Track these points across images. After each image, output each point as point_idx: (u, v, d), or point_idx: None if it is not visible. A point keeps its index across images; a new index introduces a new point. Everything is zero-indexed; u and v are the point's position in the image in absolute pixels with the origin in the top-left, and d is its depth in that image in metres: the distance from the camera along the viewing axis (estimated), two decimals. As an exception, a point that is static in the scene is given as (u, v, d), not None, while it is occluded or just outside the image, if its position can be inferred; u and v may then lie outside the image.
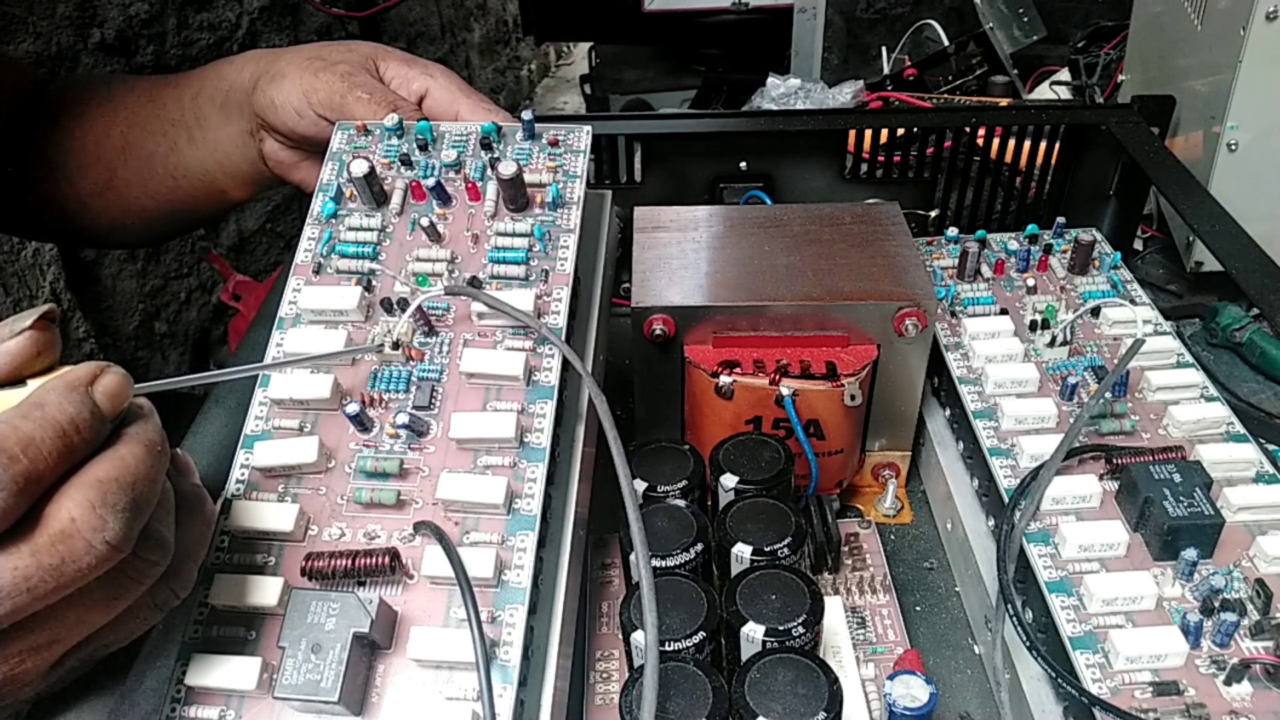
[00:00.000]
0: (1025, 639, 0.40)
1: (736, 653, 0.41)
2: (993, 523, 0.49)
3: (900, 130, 0.69)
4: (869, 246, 0.53)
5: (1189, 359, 0.52)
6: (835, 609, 0.46)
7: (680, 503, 0.46)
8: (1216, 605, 0.40)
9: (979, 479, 0.50)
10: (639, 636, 0.39)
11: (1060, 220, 0.59)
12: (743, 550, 0.43)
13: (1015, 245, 0.59)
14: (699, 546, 0.44)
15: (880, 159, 0.71)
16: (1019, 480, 0.46)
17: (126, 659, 0.40)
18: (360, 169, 0.45)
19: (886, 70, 1.13)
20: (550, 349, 0.42)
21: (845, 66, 1.40)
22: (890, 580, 0.51)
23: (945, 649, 0.49)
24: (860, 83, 0.97)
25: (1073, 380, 0.50)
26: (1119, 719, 0.36)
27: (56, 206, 0.65)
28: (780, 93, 0.98)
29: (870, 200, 0.69)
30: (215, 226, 1.45)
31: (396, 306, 0.44)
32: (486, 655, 0.34)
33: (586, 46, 1.58)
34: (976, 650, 0.49)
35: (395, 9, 1.72)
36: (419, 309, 0.42)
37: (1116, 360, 0.51)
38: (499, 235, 0.46)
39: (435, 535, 0.37)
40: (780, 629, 0.40)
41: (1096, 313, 0.54)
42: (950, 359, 0.53)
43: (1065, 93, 1.03)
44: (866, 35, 1.52)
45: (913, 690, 0.40)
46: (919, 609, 0.51)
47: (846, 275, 0.51)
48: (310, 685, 0.34)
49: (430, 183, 0.46)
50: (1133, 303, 0.55)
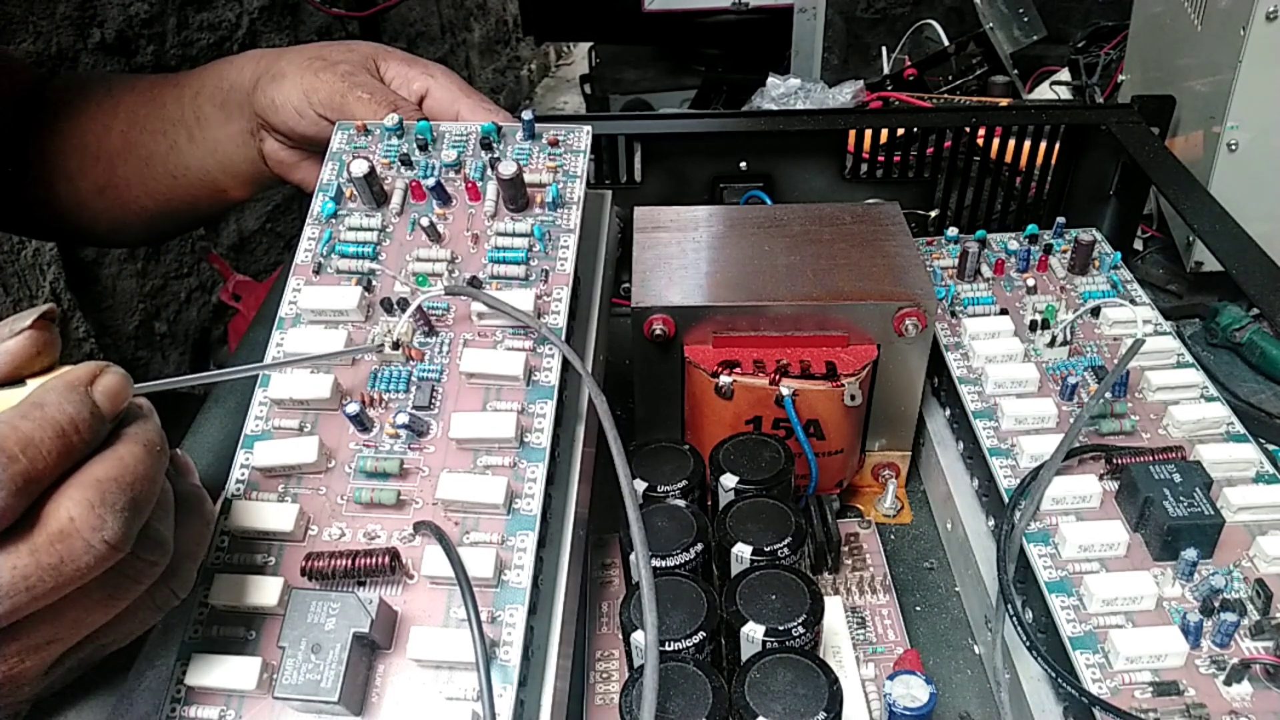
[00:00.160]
0: (1025, 639, 0.40)
1: (736, 653, 0.41)
2: (993, 523, 0.49)
3: (900, 130, 0.69)
4: (869, 246, 0.53)
5: (1189, 359, 0.52)
6: (835, 609, 0.46)
7: (680, 503, 0.46)
8: (1216, 605, 0.40)
9: (979, 479, 0.50)
10: (639, 636, 0.39)
11: (1060, 220, 0.59)
12: (743, 550, 0.43)
13: (1015, 245, 0.59)
14: (699, 546, 0.44)
15: (880, 159, 0.71)
16: (1019, 480, 0.46)
17: (126, 659, 0.40)
18: (360, 169, 0.45)
19: (886, 70, 1.13)
20: (550, 349, 0.42)
21: (845, 66, 1.40)
22: (890, 580, 0.51)
23: (945, 649, 0.49)
24: (860, 83, 0.97)
25: (1073, 380, 0.50)
26: (1119, 719, 0.36)
27: (56, 205, 0.65)
28: (780, 93, 0.98)
29: (870, 200, 0.69)
30: (215, 226, 1.45)
31: (396, 306, 0.44)
32: (486, 655, 0.34)
33: (586, 46, 1.58)
34: (976, 650, 0.49)
35: (395, 9, 1.72)
36: (419, 309, 0.42)
37: (1116, 360, 0.51)
38: (499, 235, 0.46)
39: (435, 535, 0.37)
40: (780, 629, 0.40)
41: (1096, 313, 0.54)
42: (950, 359, 0.53)
43: (1065, 93, 1.03)
44: (866, 35, 1.52)
45: (913, 690, 0.40)
46: (919, 609, 0.51)
47: (846, 275, 0.51)
48: (310, 685, 0.34)
49: (430, 183, 0.46)
50: (1133, 303, 0.55)
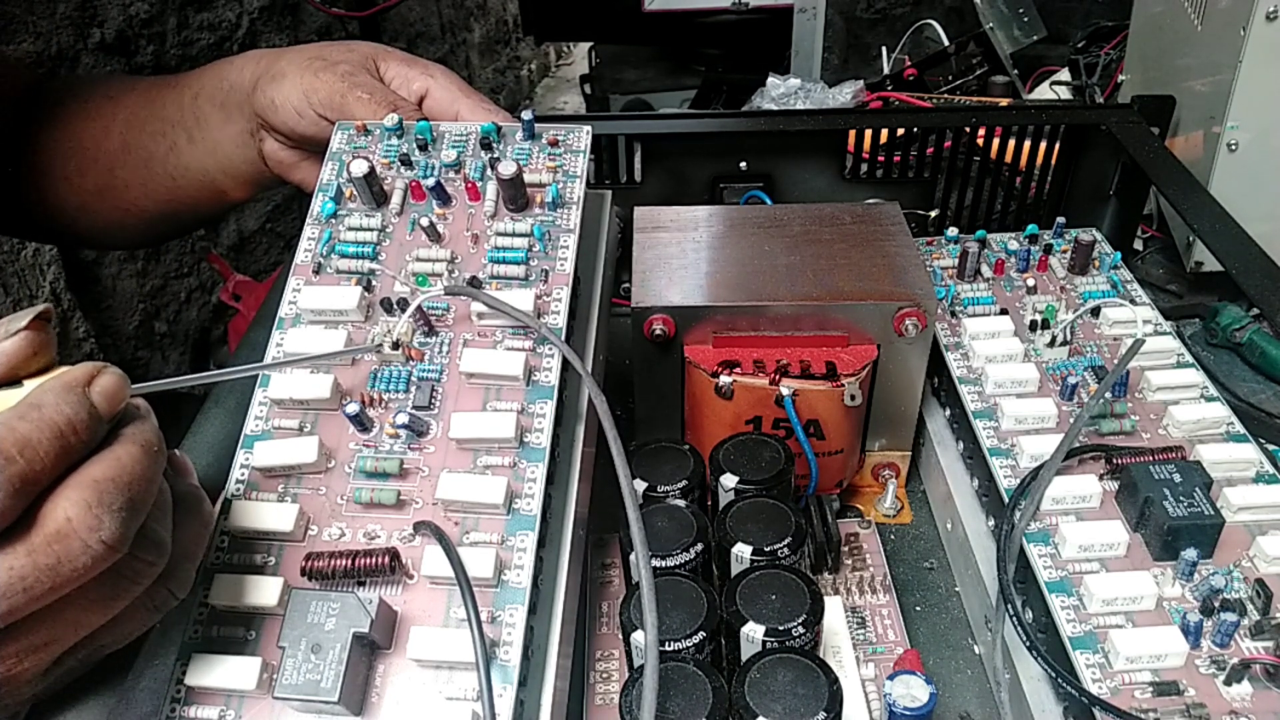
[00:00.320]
0: (1025, 639, 0.40)
1: (736, 653, 0.41)
2: (993, 523, 0.49)
3: (900, 130, 0.69)
4: (869, 246, 0.53)
5: (1189, 359, 0.52)
6: (835, 609, 0.46)
7: (680, 503, 0.46)
8: (1216, 605, 0.40)
9: (979, 479, 0.50)
10: (639, 636, 0.39)
11: (1060, 220, 0.59)
12: (743, 550, 0.43)
13: (1015, 245, 0.59)
14: (699, 546, 0.44)
15: (880, 159, 0.71)
16: (1019, 480, 0.46)
17: (126, 659, 0.40)
18: (360, 169, 0.45)
19: (886, 70, 1.13)
20: (550, 349, 0.42)
21: (845, 66, 1.40)
22: (890, 580, 0.51)
23: (945, 649, 0.49)
24: (860, 83, 0.97)
25: (1073, 380, 0.50)
26: (1119, 719, 0.36)
27: (55, 207, 0.65)
28: (780, 93, 0.98)
29: (870, 200, 0.69)
30: (215, 226, 1.45)
31: (396, 306, 0.44)
32: (486, 655, 0.34)
33: (586, 46, 1.57)
34: (976, 650, 0.49)
35: (395, 9, 1.72)
36: (419, 309, 0.42)
37: (1116, 360, 0.51)
38: (499, 235, 0.46)
39: (435, 535, 0.37)
40: (780, 629, 0.40)
41: (1096, 313, 0.54)
42: (950, 359, 0.53)
43: (1065, 93, 1.03)
44: (866, 35, 1.52)
45: (913, 690, 0.40)
46: (919, 609, 0.51)
47: (846, 275, 0.51)
48: (310, 685, 0.34)
49: (430, 183, 0.46)
50: (1133, 303, 0.55)
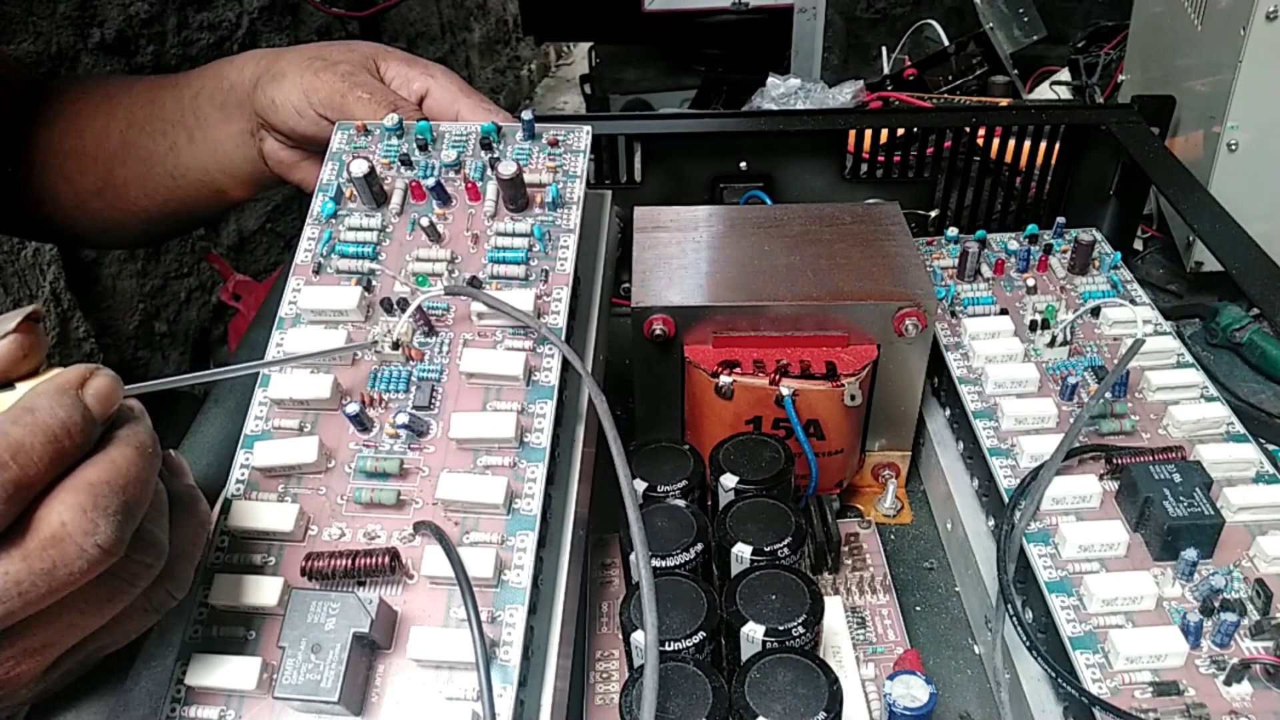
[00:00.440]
0: (1025, 639, 0.40)
1: (736, 653, 0.41)
2: (993, 523, 0.49)
3: (900, 130, 0.69)
4: (869, 246, 0.53)
5: (1189, 359, 0.52)
6: (835, 609, 0.46)
7: (680, 503, 0.46)
8: (1216, 605, 0.40)
9: (979, 479, 0.50)
10: (639, 636, 0.39)
11: (1060, 220, 0.59)
12: (743, 550, 0.43)
13: (1015, 245, 0.59)
14: (699, 546, 0.44)
15: (880, 159, 0.71)
16: (1019, 480, 0.46)
17: (125, 660, 0.40)
18: (360, 169, 0.45)
19: (886, 70, 1.13)
20: (550, 349, 0.42)
21: (845, 66, 1.40)
22: (890, 580, 0.51)
23: (945, 649, 0.49)
24: (860, 83, 0.97)
25: (1073, 380, 0.50)
26: (1119, 719, 0.36)
27: (55, 206, 0.65)
28: (780, 93, 0.98)
29: (870, 200, 0.69)
30: (215, 226, 1.45)
31: (396, 306, 0.44)
32: (486, 655, 0.34)
33: (586, 46, 1.57)
34: (976, 650, 0.49)
35: (395, 9, 1.72)
36: (419, 309, 0.42)
37: (1116, 360, 0.51)
38: (499, 235, 0.46)
39: (435, 535, 0.37)
40: (780, 629, 0.40)
41: (1096, 313, 0.54)
42: (950, 359, 0.53)
43: (1065, 93, 1.03)
44: (866, 35, 1.52)
45: (913, 690, 0.40)
46: (919, 609, 0.51)
47: (846, 275, 0.51)
48: (310, 685, 0.34)
49: (430, 183, 0.46)
50: (1133, 303, 0.55)
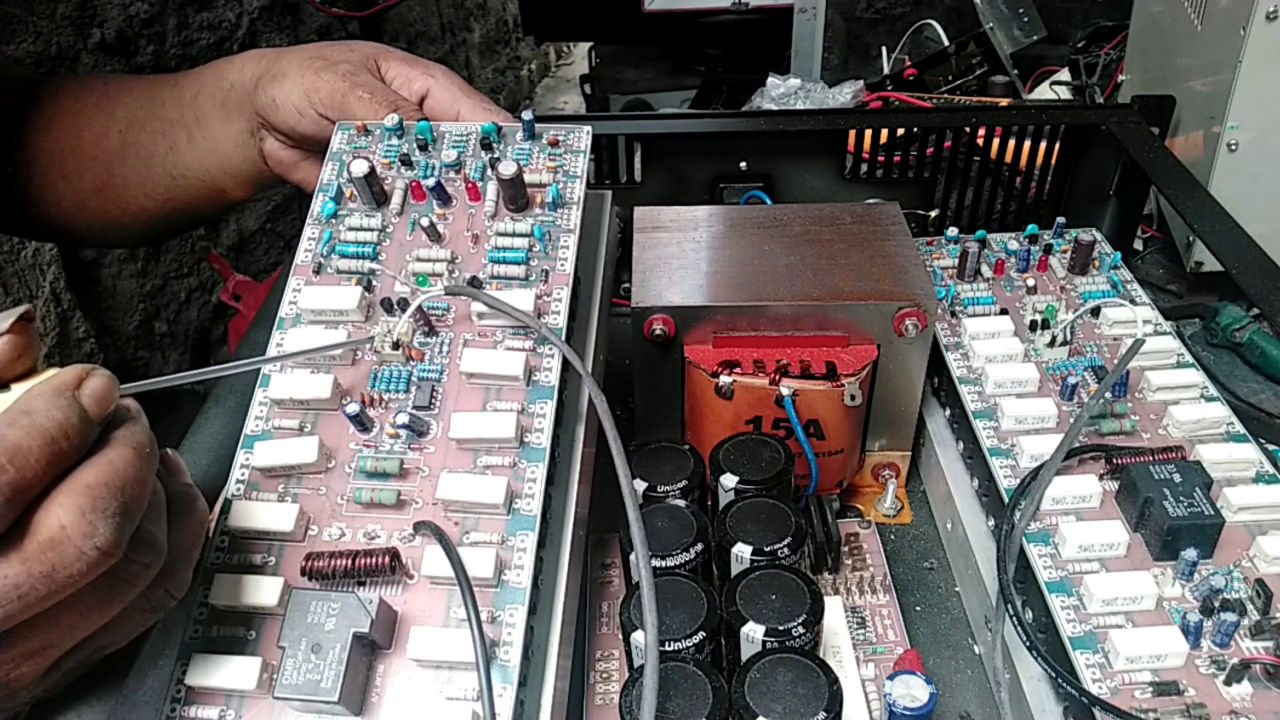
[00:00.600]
0: (1025, 639, 0.40)
1: (736, 653, 0.41)
2: (993, 523, 0.49)
3: (900, 130, 0.69)
4: (869, 246, 0.53)
5: (1189, 359, 0.52)
6: (835, 609, 0.46)
7: (680, 503, 0.46)
8: (1216, 605, 0.40)
9: (979, 479, 0.50)
10: (639, 636, 0.39)
11: (1060, 220, 0.59)
12: (743, 550, 0.43)
13: (1015, 245, 0.59)
14: (699, 546, 0.44)
15: (880, 159, 0.71)
16: (1019, 480, 0.46)
17: (126, 660, 0.40)
18: (360, 169, 0.45)
19: (886, 70, 1.13)
20: (550, 349, 0.42)
21: (845, 66, 1.40)
22: (890, 580, 0.51)
23: (945, 649, 0.49)
24: (860, 83, 0.97)
25: (1073, 380, 0.50)
26: (1119, 719, 0.36)
27: (53, 205, 0.65)
28: (780, 93, 0.98)
29: (870, 200, 0.69)
30: (215, 226, 1.45)
31: (396, 306, 0.44)
32: (486, 655, 0.34)
33: (586, 46, 1.57)
34: (976, 650, 0.49)
35: (395, 9, 1.72)
36: (419, 309, 0.42)
37: (1116, 360, 0.51)
38: (499, 235, 0.46)
39: (435, 535, 0.37)
40: (780, 629, 0.40)
41: (1096, 313, 0.54)
42: (950, 359, 0.53)
43: (1065, 93, 1.03)
44: (866, 35, 1.52)
45: (913, 690, 0.40)
46: (919, 609, 0.51)
47: (846, 275, 0.51)
48: (310, 685, 0.34)
49: (430, 183, 0.46)
50: (1133, 303, 0.55)
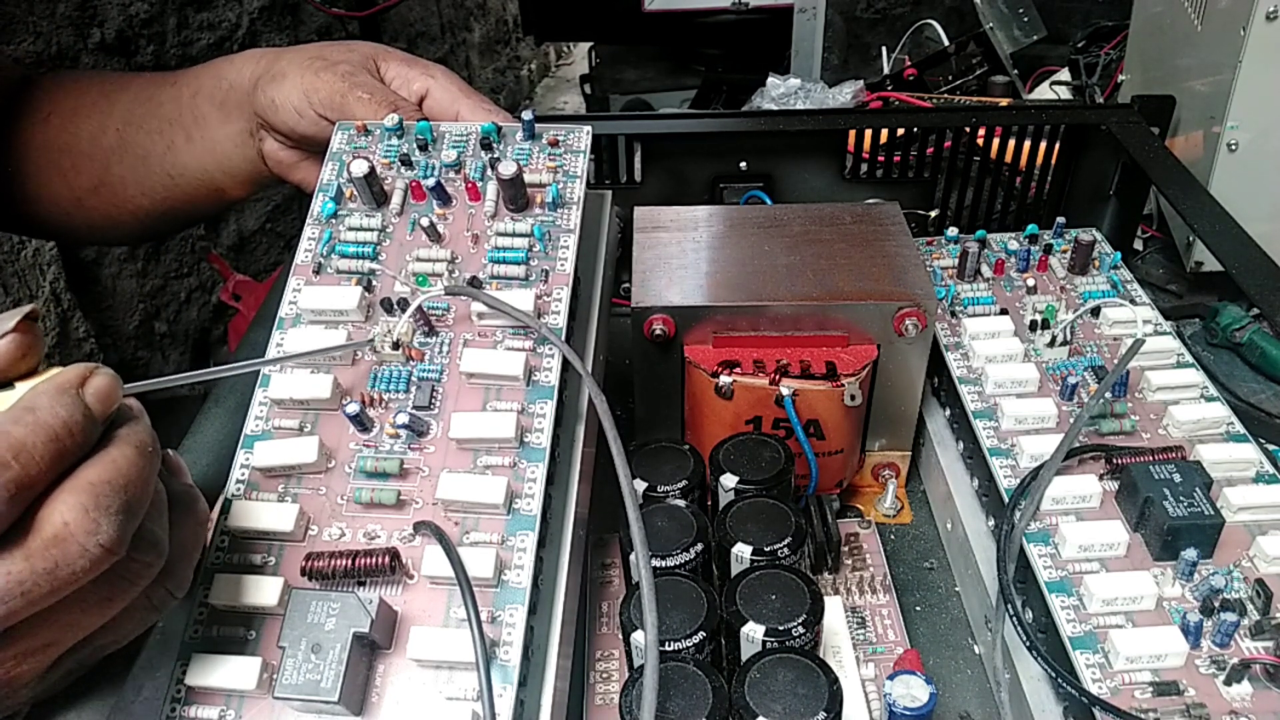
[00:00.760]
0: (1025, 639, 0.40)
1: (736, 653, 0.41)
2: (993, 523, 0.49)
3: (900, 130, 0.69)
4: (869, 246, 0.53)
5: (1189, 359, 0.52)
6: (835, 609, 0.46)
7: (680, 503, 0.46)
8: (1216, 605, 0.40)
9: (979, 479, 0.50)
10: (639, 636, 0.39)
11: (1060, 220, 0.59)
12: (743, 550, 0.43)
13: (1015, 245, 0.59)
14: (699, 546, 0.44)
15: (880, 159, 0.71)
16: (1019, 480, 0.46)
17: (126, 659, 0.40)
18: (360, 169, 0.45)
19: (886, 70, 1.13)
20: (550, 349, 0.42)
21: (845, 66, 1.40)
22: (890, 580, 0.51)
23: (945, 649, 0.49)
24: (860, 83, 0.97)
25: (1073, 380, 0.50)
26: (1119, 719, 0.36)
27: (51, 204, 0.65)
28: (780, 93, 0.98)
29: (870, 200, 0.69)
30: (215, 226, 1.45)
31: (396, 306, 0.44)
32: (486, 655, 0.34)
33: (586, 46, 1.58)
34: (976, 650, 0.49)
35: (395, 9, 1.72)
36: (419, 309, 0.42)
37: (1116, 360, 0.51)
38: (499, 235, 0.46)
39: (435, 535, 0.37)
40: (780, 629, 0.40)
41: (1096, 313, 0.54)
42: (950, 359, 0.53)
43: (1065, 93, 1.03)
44: (866, 35, 1.52)
45: (913, 690, 0.40)
46: (919, 609, 0.51)
47: (846, 275, 0.51)
48: (310, 685, 0.34)
49: (430, 183, 0.46)
50: (1133, 303, 0.55)
